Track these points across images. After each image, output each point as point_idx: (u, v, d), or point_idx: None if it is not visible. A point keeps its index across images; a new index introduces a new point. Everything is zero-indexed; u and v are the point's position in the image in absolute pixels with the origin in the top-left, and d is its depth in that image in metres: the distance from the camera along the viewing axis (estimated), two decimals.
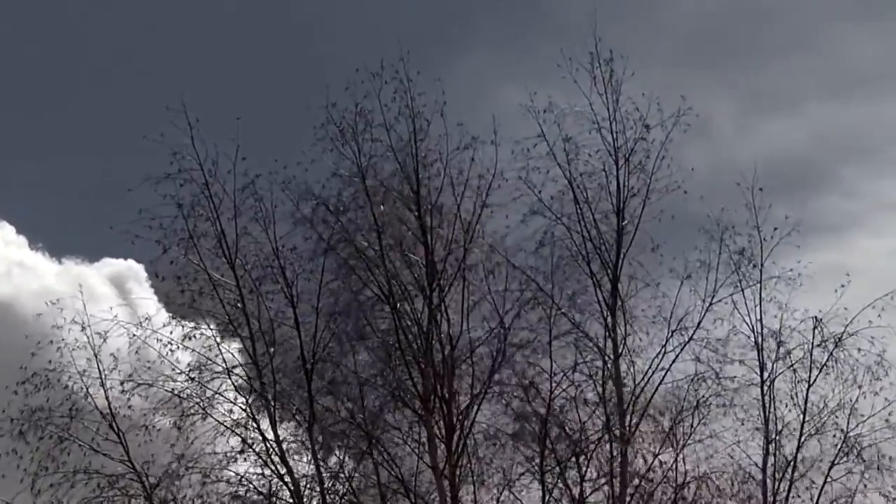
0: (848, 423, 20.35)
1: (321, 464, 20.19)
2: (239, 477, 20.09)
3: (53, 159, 48.23)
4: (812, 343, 20.57)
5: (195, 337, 20.21)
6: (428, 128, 20.12)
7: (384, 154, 20.17)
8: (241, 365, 20.36)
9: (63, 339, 20.00)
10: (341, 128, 20.00)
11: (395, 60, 19.82)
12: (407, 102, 20.07)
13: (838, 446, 20.29)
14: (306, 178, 20.13)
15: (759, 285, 20.72)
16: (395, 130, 20.14)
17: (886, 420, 20.28)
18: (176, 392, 20.25)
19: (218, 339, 20.30)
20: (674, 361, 20.56)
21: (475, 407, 20.15)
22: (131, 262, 33.92)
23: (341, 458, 20.56)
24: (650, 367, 20.53)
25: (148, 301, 20.79)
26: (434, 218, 20.26)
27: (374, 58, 19.90)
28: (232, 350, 20.36)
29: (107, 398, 20.12)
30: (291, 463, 20.18)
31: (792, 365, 20.60)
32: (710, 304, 20.66)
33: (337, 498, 20.21)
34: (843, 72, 41.92)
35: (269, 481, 20.15)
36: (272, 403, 20.16)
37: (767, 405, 20.51)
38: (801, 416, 20.45)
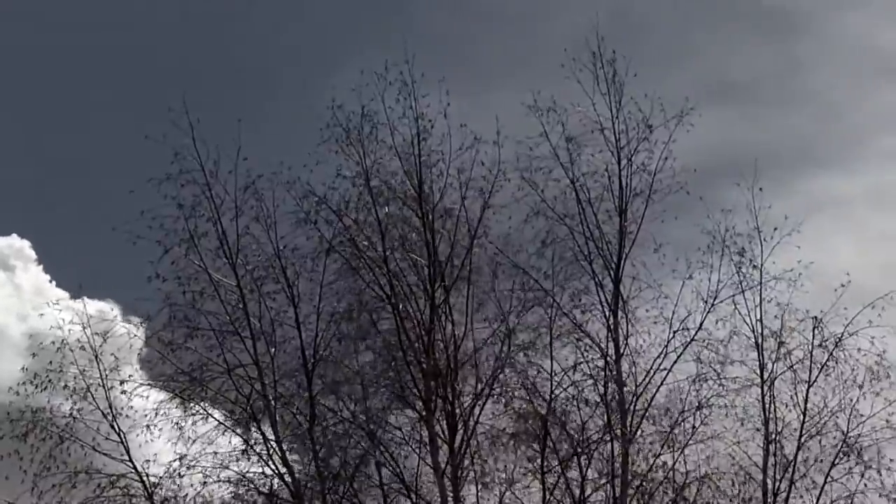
0: (848, 423, 20.35)
1: (321, 464, 20.19)
2: (240, 476, 20.11)
3: None
4: (812, 343, 20.58)
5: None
6: (431, 129, 20.13)
7: (390, 158, 20.16)
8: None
9: (64, 339, 19.99)
10: (347, 130, 19.99)
11: (400, 62, 19.86)
12: (411, 104, 20.08)
13: (838, 447, 20.30)
14: (309, 179, 20.12)
15: (759, 286, 20.78)
16: (398, 131, 20.17)
17: (886, 421, 20.31)
18: (177, 392, 20.29)
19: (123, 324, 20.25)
20: (675, 362, 20.58)
21: (478, 407, 20.17)
22: (13, 239, 32.75)
23: (342, 457, 20.55)
24: (652, 368, 20.55)
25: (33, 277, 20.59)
26: (438, 218, 20.23)
27: (378, 58, 19.91)
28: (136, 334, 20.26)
29: (107, 398, 20.10)
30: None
31: (792, 366, 20.60)
32: (712, 304, 20.70)
33: (338, 498, 20.21)
34: (725, 85, 42.03)
35: (270, 480, 20.18)
36: (273, 403, 20.12)
37: (768, 405, 20.50)
38: (802, 417, 20.44)
